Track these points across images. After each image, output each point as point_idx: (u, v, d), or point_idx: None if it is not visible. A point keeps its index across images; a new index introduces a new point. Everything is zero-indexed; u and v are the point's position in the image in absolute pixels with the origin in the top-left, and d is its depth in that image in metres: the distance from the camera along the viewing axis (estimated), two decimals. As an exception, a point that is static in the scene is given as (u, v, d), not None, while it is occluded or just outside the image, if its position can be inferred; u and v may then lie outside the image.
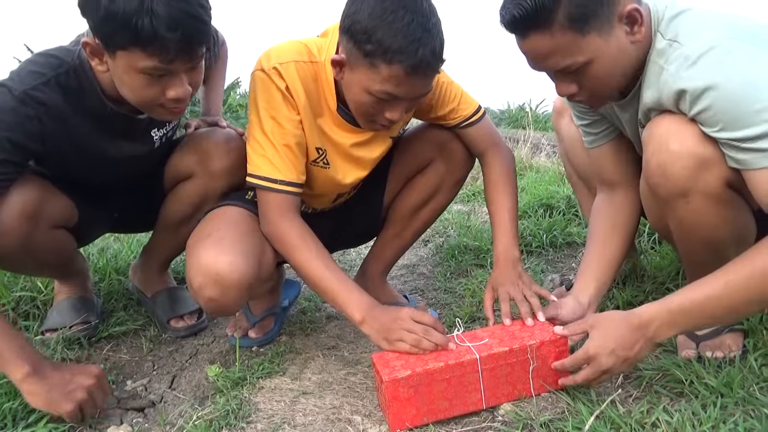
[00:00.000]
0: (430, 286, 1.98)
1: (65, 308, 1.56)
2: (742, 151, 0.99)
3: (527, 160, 3.74)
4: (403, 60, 1.11)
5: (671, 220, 1.17)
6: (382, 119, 1.24)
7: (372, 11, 1.12)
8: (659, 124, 1.09)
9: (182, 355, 1.56)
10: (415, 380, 1.10)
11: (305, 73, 1.28)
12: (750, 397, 1.06)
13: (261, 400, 1.29)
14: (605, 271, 1.35)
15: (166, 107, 1.20)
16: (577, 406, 1.10)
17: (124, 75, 1.13)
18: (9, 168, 1.17)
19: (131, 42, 1.06)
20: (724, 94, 0.97)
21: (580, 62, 1.07)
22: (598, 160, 1.42)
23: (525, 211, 2.51)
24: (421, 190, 1.57)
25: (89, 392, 1.17)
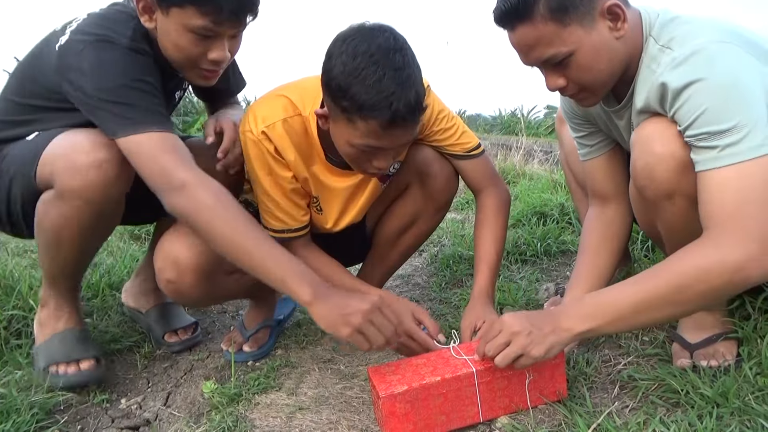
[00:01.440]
0: (425, 297, 1.98)
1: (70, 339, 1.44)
2: (698, 150, 1.00)
3: (520, 167, 3.76)
4: (377, 115, 1.12)
5: (659, 221, 1.19)
6: (371, 167, 1.27)
7: (344, 68, 1.13)
8: (645, 126, 1.11)
9: (177, 371, 1.55)
10: (412, 395, 1.10)
11: (293, 129, 1.34)
12: (746, 407, 1.06)
13: (257, 417, 1.28)
14: (595, 284, 1.36)
15: (202, 68, 1.29)
16: (574, 419, 1.10)
17: (174, 32, 1.21)
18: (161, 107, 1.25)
19: (188, 1, 1.16)
20: (700, 89, 0.99)
21: (564, 52, 1.11)
22: (592, 173, 1.44)
23: (519, 220, 2.52)
24: (400, 215, 1.57)
25: (367, 318, 1.11)
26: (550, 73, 1.17)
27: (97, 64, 1.18)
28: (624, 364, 1.32)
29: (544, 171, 3.56)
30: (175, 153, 1.18)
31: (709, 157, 0.99)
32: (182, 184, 1.15)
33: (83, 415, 1.33)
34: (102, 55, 1.19)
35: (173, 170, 1.16)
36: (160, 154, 1.17)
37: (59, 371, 1.37)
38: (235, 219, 1.16)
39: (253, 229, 1.17)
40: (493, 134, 15.29)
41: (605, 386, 1.26)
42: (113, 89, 1.18)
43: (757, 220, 0.95)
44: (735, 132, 0.96)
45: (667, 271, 1.01)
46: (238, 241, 1.15)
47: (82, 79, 1.19)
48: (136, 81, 1.20)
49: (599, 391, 1.24)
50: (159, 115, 1.22)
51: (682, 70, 1.02)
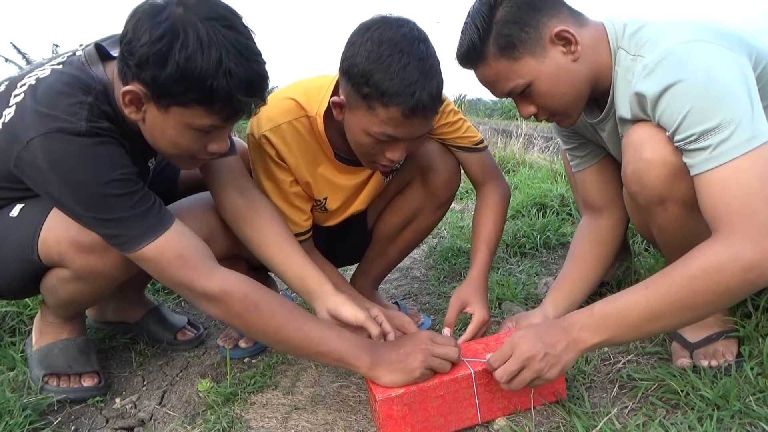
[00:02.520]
0: (424, 291, 1.96)
1: (72, 350, 1.41)
2: (690, 153, 0.98)
3: (520, 155, 3.73)
4: (400, 103, 1.12)
5: (652, 226, 1.18)
6: (383, 159, 1.26)
7: (369, 55, 1.13)
8: (634, 131, 1.10)
9: (173, 369, 1.53)
10: (409, 398, 1.08)
11: (298, 131, 1.33)
12: (746, 409, 1.05)
13: (252, 417, 1.27)
14: (579, 290, 1.37)
15: (197, 158, 1.16)
16: (572, 420, 1.09)
17: (172, 129, 1.06)
18: (152, 193, 1.14)
19: (198, 101, 1.00)
20: (678, 92, 0.98)
21: (522, 84, 1.16)
22: (584, 184, 1.45)
23: (518, 211, 2.50)
24: (400, 211, 1.56)
25: (427, 363, 1.10)
26: (520, 103, 1.22)
27: (57, 165, 1.04)
28: (623, 362, 1.31)
29: (545, 160, 3.53)
30: (181, 260, 1.10)
31: (703, 158, 0.96)
32: (208, 295, 1.11)
33: (77, 415, 1.32)
34: (58, 153, 1.03)
35: (191, 283, 1.11)
36: (169, 267, 1.11)
37: (60, 385, 1.35)
38: (273, 316, 1.12)
39: (294, 318, 1.13)
40: (494, 119, 15.28)
41: (604, 385, 1.25)
42: (88, 202, 1.07)
43: (764, 213, 0.92)
44: (722, 129, 0.94)
45: (679, 276, 0.97)
46: (283, 337, 1.14)
47: (43, 180, 1.07)
48: (108, 184, 1.05)
49: (598, 391, 1.23)
50: (145, 216, 1.10)
51: (655, 77, 1.01)
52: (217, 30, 0.98)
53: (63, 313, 1.41)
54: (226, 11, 1.02)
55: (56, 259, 1.20)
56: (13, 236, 1.20)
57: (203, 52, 0.96)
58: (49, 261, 1.21)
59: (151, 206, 1.10)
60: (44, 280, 1.27)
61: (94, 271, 1.20)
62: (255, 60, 1.02)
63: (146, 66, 0.98)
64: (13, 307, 1.62)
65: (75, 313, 1.43)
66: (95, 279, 1.23)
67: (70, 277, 1.22)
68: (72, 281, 1.23)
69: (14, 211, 1.21)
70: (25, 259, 1.20)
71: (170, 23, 0.96)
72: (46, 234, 1.17)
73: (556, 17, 1.14)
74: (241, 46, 1.00)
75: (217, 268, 1.12)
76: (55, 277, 1.25)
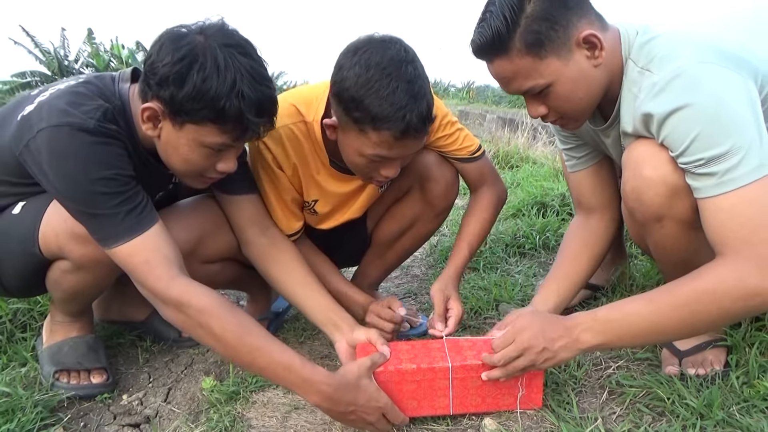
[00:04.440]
0: (423, 290, 2.00)
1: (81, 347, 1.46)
2: (696, 177, 1.00)
3: (524, 150, 3.74)
4: (391, 127, 1.15)
5: (649, 242, 1.20)
6: (379, 176, 1.29)
7: (357, 80, 1.14)
8: (635, 148, 1.11)
9: (178, 366, 1.58)
10: (386, 376, 1.16)
11: (296, 135, 1.36)
12: (730, 418, 1.08)
13: (254, 416, 1.32)
14: (567, 289, 1.39)
15: (206, 176, 1.21)
16: (560, 426, 1.13)
17: (185, 146, 1.13)
18: (141, 196, 1.17)
19: (212, 119, 1.08)
20: (687, 116, 0.98)
21: (542, 84, 1.13)
22: (578, 185, 1.46)
23: (519, 209, 2.53)
24: (399, 219, 1.59)
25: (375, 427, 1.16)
26: (531, 102, 1.19)
27: (57, 155, 1.09)
28: (614, 368, 1.35)
29: (548, 155, 3.54)
30: (147, 265, 1.13)
31: (710, 183, 0.98)
32: (167, 303, 1.13)
33: (86, 411, 1.37)
34: (61, 144, 1.08)
35: (153, 289, 1.13)
36: (135, 271, 1.14)
37: (70, 381, 1.41)
38: (223, 333, 1.11)
39: (245, 340, 1.12)
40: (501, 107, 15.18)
41: (594, 391, 1.28)
42: (75, 195, 1.12)
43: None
44: (731, 156, 0.95)
45: (683, 295, 1.00)
46: (231, 356, 1.15)
47: (41, 168, 1.11)
48: (97, 180, 1.10)
49: (588, 396, 1.27)
50: (126, 217, 1.12)
51: (664, 97, 1.01)
52: (233, 56, 1.06)
53: (71, 309, 1.46)
54: (242, 41, 1.11)
55: (56, 251, 1.25)
56: (16, 232, 1.26)
57: (219, 74, 1.04)
58: (49, 253, 1.26)
59: (133, 208, 1.14)
60: (48, 274, 1.33)
61: (93, 260, 1.24)
62: (266, 85, 1.10)
63: (166, 85, 1.06)
64: (24, 303, 1.67)
65: (82, 309, 1.48)
66: (95, 268, 1.27)
67: (71, 267, 1.28)
68: (74, 272, 1.29)
69: (16, 209, 1.27)
70: (28, 254, 1.26)
71: (191, 47, 1.05)
72: (45, 227, 1.23)
73: (585, 18, 1.11)
74: (255, 72, 1.08)
75: (180, 277, 1.14)
76: (57, 269, 1.30)
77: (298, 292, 1.37)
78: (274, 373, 1.12)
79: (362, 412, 1.14)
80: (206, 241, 1.40)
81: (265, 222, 1.42)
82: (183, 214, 1.39)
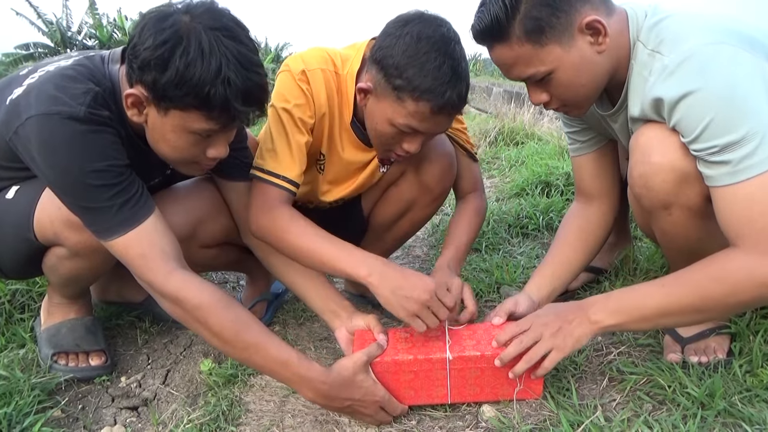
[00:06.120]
0: (425, 270, 1.98)
1: (79, 329, 1.46)
2: (710, 165, 0.97)
3: (529, 127, 3.68)
4: (431, 99, 1.15)
5: (655, 229, 1.17)
6: (399, 149, 1.28)
7: (406, 49, 1.15)
8: (643, 133, 1.08)
9: (177, 347, 1.58)
10: (383, 367, 1.15)
11: (329, 82, 1.32)
12: (731, 408, 1.07)
13: (251, 400, 1.31)
14: (562, 275, 1.37)
15: (199, 164, 1.17)
16: (559, 414, 1.12)
17: (171, 133, 1.08)
18: (136, 186, 1.14)
19: (196, 106, 1.02)
20: (699, 100, 0.95)
21: (543, 72, 1.10)
22: (579, 170, 1.44)
23: (523, 189, 2.49)
24: (395, 201, 1.55)
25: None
26: (533, 89, 1.16)
27: (47, 145, 1.05)
28: (615, 354, 1.33)
29: (554, 132, 3.49)
30: (144, 259, 1.11)
31: (724, 172, 0.95)
32: (165, 297, 1.12)
33: (84, 394, 1.37)
34: (50, 134, 1.05)
35: (151, 283, 1.12)
36: (132, 264, 1.12)
37: (69, 364, 1.40)
38: (221, 330, 1.11)
39: (240, 338, 1.11)
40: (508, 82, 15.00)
41: (594, 377, 1.27)
42: (68, 187, 1.09)
43: None
44: (746, 143, 0.92)
45: (695, 282, 1.00)
46: (228, 352, 1.15)
47: (32, 158, 1.08)
48: (90, 173, 1.06)
49: (588, 383, 1.25)
50: (120, 209, 1.10)
51: (675, 80, 0.97)
52: (219, 40, 1.00)
53: (69, 292, 1.45)
54: (231, 23, 1.05)
55: (52, 238, 1.24)
56: (10, 218, 1.24)
57: (203, 59, 0.98)
58: (45, 240, 1.24)
59: (128, 200, 1.11)
60: (45, 260, 1.31)
61: (90, 247, 1.23)
62: (255, 71, 1.04)
63: (148, 69, 1.00)
64: (23, 284, 1.66)
65: (80, 291, 1.47)
66: (92, 255, 1.26)
67: (67, 254, 1.26)
68: (70, 258, 1.28)
69: (10, 193, 1.24)
70: (23, 239, 1.24)
71: (175, 30, 0.99)
72: (39, 214, 1.21)
73: (589, 3, 1.06)
74: (242, 57, 1.02)
75: (177, 271, 1.12)
76: (54, 255, 1.29)
77: (298, 279, 1.35)
78: (271, 369, 1.12)
79: (359, 406, 1.13)
80: (204, 225, 1.38)
81: None
82: (180, 198, 1.36)
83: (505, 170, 3.15)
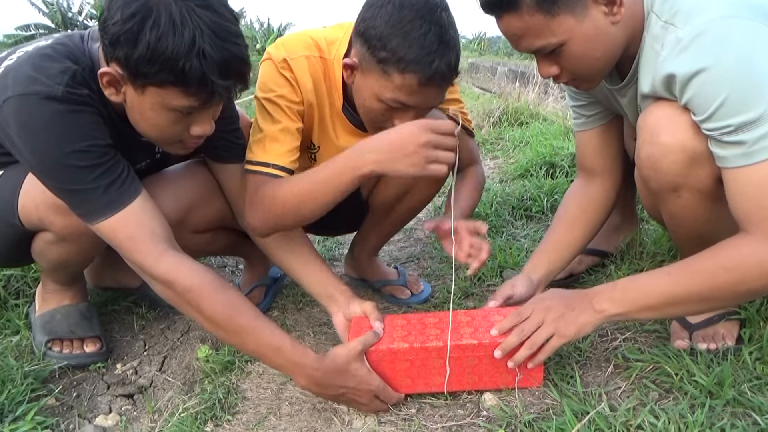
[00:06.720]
0: (426, 254, 1.95)
1: (74, 315, 1.43)
2: (723, 145, 0.92)
3: (534, 106, 3.61)
4: (417, 70, 1.09)
5: (663, 212, 1.13)
6: (390, 126, 1.20)
7: (389, 18, 1.09)
8: (652, 112, 1.03)
9: (174, 333, 1.56)
10: (378, 356, 1.13)
11: (315, 69, 1.27)
12: (741, 397, 1.04)
13: (248, 387, 1.29)
14: (561, 256, 1.34)
15: (184, 143, 1.12)
16: (563, 402, 1.09)
17: (150, 111, 1.03)
18: (121, 166, 1.10)
19: (172, 82, 0.96)
20: (713, 77, 0.90)
21: (554, 43, 1.04)
22: (583, 146, 1.39)
23: (527, 170, 2.45)
24: (394, 184, 1.51)
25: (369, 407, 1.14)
26: (543, 62, 1.10)
27: (25, 127, 1.02)
28: (621, 340, 1.30)
29: (559, 112, 3.42)
30: (132, 242, 1.08)
31: (739, 152, 0.90)
32: (156, 280, 1.09)
33: (79, 381, 1.35)
34: (28, 115, 1.01)
35: (140, 266, 1.09)
36: (120, 247, 1.09)
37: (63, 351, 1.38)
38: (214, 314, 1.08)
39: (234, 321, 1.09)
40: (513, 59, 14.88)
41: (599, 364, 1.24)
42: (50, 170, 1.06)
43: None
44: (762, 122, 0.87)
45: (703, 270, 0.97)
46: (222, 336, 1.13)
47: (11, 141, 1.05)
48: (71, 154, 1.03)
49: (593, 369, 1.22)
50: (105, 191, 1.06)
51: (689, 56, 0.92)
52: (192, 10, 0.93)
53: (61, 278, 1.42)
54: None
55: (37, 223, 1.21)
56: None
57: (175, 32, 0.92)
58: (31, 225, 1.22)
59: (113, 181, 1.07)
60: (33, 245, 1.29)
61: (76, 231, 1.20)
62: (232, 42, 0.97)
63: (119, 45, 0.95)
64: (18, 270, 1.64)
65: (73, 277, 1.45)
66: (79, 239, 1.23)
67: (54, 239, 1.24)
68: (57, 243, 1.25)
69: None
70: (9, 225, 1.21)
71: (143, 2, 0.92)
72: (24, 198, 1.18)
73: None
74: (217, 27, 0.95)
75: (167, 253, 1.09)
76: (41, 241, 1.26)
77: (294, 263, 1.32)
78: (264, 354, 1.10)
79: (353, 394, 1.10)
80: (196, 209, 1.34)
81: None
82: (171, 181, 1.33)
83: (509, 151, 3.10)
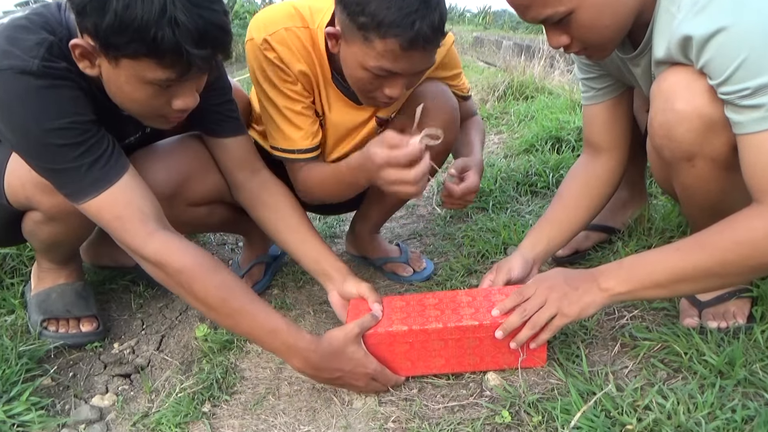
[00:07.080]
0: (429, 231, 1.91)
1: (70, 294, 1.41)
2: (739, 110, 0.87)
3: (540, 80, 3.54)
4: (398, 34, 1.04)
5: (675, 183, 1.09)
6: (382, 95, 1.17)
7: None
8: (666, 77, 0.98)
9: (172, 312, 1.53)
10: (376, 339, 1.10)
11: (297, 39, 1.22)
12: (752, 377, 1.00)
13: (247, 367, 1.27)
14: (560, 234, 1.31)
15: (167, 117, 1.06)
16: (568, 383, 1.06)
17: (126, 85, 0.97)
18: (106, 143, 1.06)
19: (145, 53, 0.90)
20: (732, 38, 0.85)
21: (562, 12, 0.99)
22: (590, 120, 1.34)
23: (532, 144, 2.40)
24: None
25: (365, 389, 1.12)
26: (552, 32, 1.05)
27: (3, 104, 0.97)
28: (628, 318, 1.26)
29: (565, 86, 3.35)
30: (120, 222, 1.04)
31: (755, 117, 0.85)
32: (146, 260, 1.06)
33: (75, 361, 1.33)
34: (3, 91, 0.96)
35: (129, 246, 1.06)
36: (108, 227, 1.06)
37: (59, 330, 1.36)
38: (206, 296, 1.04)
39: (227, 303, 1.05)
40: (518, 33, 14.62)
41: (606, 342, 1.21)
42: (31, 150, 1.02)
43: None
44: None
45: (712, 245, 0.93)
46: (214, 318, 1.09)
47: None
48: (51, 132, 0.98)
49: (599, 348, 1.19)
50: (89, 169, 1.03)
51: (706, 16, 0.87)
52: None
53: (55, 257, 1.39)
54: None
55: (25, 203, 1.18)
56: None
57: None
58: (18, 205, 1.19)
59: (97, 158, 1.03)
60: (23, 225, 1.26)
61: (64, 211, 1.16)
62: (208, 8, 0.91)
63: (86, 14, 0.89)
64: (13, 248, 1.61)
65: (67, 256, 1.42)
66: (68, 218, 1.20)
67: (43, 219, 1.21)
68: (46, 222, 1.22)
69: None
70: None
71: None
72: (10, 177, 1.15)
73: None
74: None
75: (157, 233, 1.05)
76: (30, 220, 1.24)
77: (290, 238, 1.28)
78: (258, 337, 1.07)
79: (349, 378, 1.08)
80: (191, 182, 1.30)
81: (255, 164, 1.32)
82: (163, 154, 1.28)
83: (514, 126, 3.04)
